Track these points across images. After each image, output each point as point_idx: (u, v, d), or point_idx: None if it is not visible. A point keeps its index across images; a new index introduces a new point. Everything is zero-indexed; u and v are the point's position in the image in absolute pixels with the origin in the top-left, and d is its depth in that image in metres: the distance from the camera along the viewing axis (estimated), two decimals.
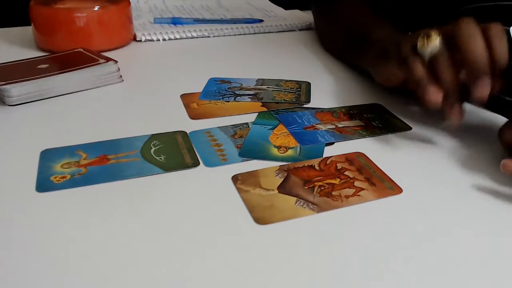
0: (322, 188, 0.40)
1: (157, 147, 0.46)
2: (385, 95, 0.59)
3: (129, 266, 0.32)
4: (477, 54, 0.42)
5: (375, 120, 0.52)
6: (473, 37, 0.43)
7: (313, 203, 0.38)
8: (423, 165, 0.44)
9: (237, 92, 0.59)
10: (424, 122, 0.52)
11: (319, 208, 0.37)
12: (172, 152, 0.45)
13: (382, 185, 0.41)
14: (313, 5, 0.83)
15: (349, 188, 0.40)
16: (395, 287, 0.30)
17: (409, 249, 0.34)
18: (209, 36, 0.83)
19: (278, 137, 0.48)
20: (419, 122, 0.51)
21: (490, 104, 0.55)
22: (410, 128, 0.50)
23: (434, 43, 0.45)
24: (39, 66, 0.61)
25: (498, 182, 0.41)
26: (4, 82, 0.55)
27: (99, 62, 0.61)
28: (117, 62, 0.62)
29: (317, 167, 0.43)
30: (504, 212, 0.38)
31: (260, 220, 0.36)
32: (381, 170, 0.42)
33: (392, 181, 0.41)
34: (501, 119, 0.52)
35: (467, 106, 0.56)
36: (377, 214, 0.37)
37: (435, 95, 0.44)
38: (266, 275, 0.31)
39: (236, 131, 0.49)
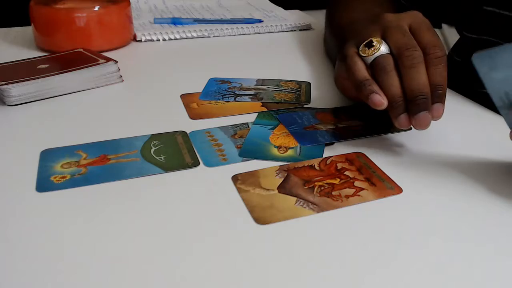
0: (322, 188, 0.40)
1: (157, 147, 0.46)
2: None
3: (129, 265, 0.32)
4: (419, 87, 0.42)
5: (375, 120, 0.52)
6: (415, 70, 0.42)
7: (313, 203, 0.38)
8: (423, 165, 0.44)
9: (237, 92, 0.59)
10: None
11: (319, 208, 0.37)
12: (172, 152, 0.45)
13: (382, 185, 0.41)
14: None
15: (349, 188, 0.40)
16: (395, 287, 0.30)
17: (409, 249, 0.34)
18: (209, 36, 0.83)
19: (278, 137, 0.48)
20: None
21: (465, 93, 0.55)
22: (410, 128, 0.50)
23: (377, 52, 0.45)
24: (39, 66, 0.61)
25: (498, 181, 0.41)
26: (4, 82, 0.55)
27: (99, 62, 0.61)
28: (117, 62, 0.62)
29: (317, 167, 0.43)
30: (504, 212, 0.38)
31: (260, 220, 0.36)
32: (381, 170, 0.42)
33: (392, 181, 0.41)
34: (502, 120, 0.52)
35: (466, 106, 0.56)
36: (377, 214, 0.37)
37: (379, 99, 0.43)
38: (266, 275, 0.31)
39: (236, 131, 0.49)
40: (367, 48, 0.45)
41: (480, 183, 0.41)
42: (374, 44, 0.45)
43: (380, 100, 0.43)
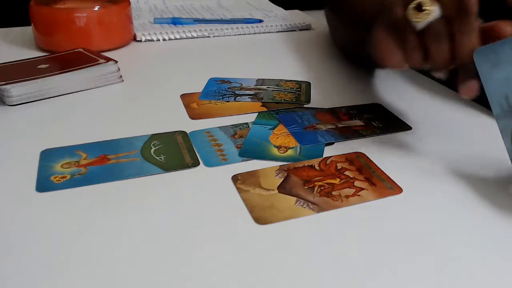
0: (322, 188, 0.40)
1: (157, 147, 0.46)
2: (385, 95, 0.59)
3: (129, 265, 0.32)
4: (470, 55, 0.39)
5: (375, 120, 0.52)
6: (468, 37, 0.39)
7: (313, 203, 0.38)
8: (423, 165, 0.44)
9: (237, 92, 0.59)
10: (424, 122, 0.52)
11: (319, 208, 0.37)
12: (172, 152, 0.45)
13: (382, 185, 0.41)
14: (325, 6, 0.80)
15: (349, 188, 0.40)
16: (395, 287, 0.30)
17: (408, 249, 0.34)
18: (209, 36, 0.83)
19: (278, 137, 0.48)
20: (419, 122, 0.51)
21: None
22: (410, 128, 0.50)
23: (430, 16, 0.40)
24: (39, 66, 0.61)
25: (499, 182, 0.41)
26: (4, 82, 0.55)
27: (99, 62, 0.61)
28: (117, 62, 0.62)
29: (317, 167, 0.43)
30: (503, 212, 0.38)
31: (260, 220, 0.36)
32: (381, 170, 0.42)
33: (392, 181, 0.41)
34: None
35: (468, 106, 0.56)
36: (377, 214, 0.37)
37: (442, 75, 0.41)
38: (266, 275, 0.31)
39: (236, 131, 0.49)
40: (417, 11, 0.40)
41: (481, 184, 0.41)
42: (427, 6, 0.40)
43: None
